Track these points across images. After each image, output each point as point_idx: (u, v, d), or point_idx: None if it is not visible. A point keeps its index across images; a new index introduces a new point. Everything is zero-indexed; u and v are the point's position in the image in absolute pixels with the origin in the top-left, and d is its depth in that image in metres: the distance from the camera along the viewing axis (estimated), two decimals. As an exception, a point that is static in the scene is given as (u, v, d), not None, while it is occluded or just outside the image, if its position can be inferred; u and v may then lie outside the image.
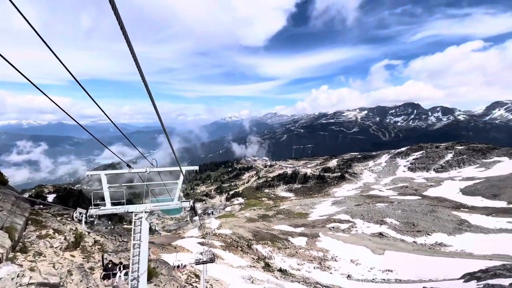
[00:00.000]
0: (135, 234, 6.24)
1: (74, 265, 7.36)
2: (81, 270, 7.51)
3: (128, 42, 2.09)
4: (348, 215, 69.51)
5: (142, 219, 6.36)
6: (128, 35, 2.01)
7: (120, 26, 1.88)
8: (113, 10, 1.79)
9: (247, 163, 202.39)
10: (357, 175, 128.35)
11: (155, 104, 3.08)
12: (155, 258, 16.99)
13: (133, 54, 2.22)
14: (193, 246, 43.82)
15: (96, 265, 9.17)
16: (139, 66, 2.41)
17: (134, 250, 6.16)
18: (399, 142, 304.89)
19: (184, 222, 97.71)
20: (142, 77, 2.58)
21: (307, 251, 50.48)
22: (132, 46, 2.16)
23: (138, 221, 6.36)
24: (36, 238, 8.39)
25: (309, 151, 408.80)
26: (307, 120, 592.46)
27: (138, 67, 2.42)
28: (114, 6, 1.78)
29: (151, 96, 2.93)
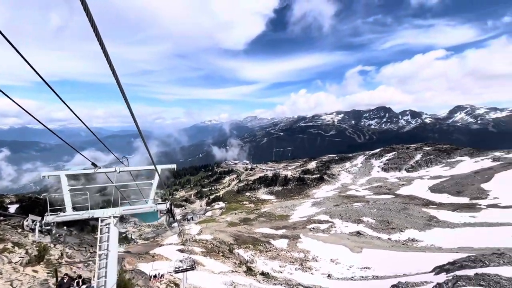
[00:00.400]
0: (101, 243, 5.51)
1: (36, 282, 6.58)
2: (44, 286, 6.74)
3: (101, 41, 1.97)
4: (327, 216, 71.20)
5: (110, 225, 5.67)
6: (100, 35, 1.89)
7: (91, 25, 1.77)
8: (84, 8, 1.68)
9: (228, 167, 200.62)
10: (335, 176, 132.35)
11: (130, 106, 2.95)
12: (131, 268, 15.94)
13: (105, 55, 2.10)
14: (172, 253, 42.23)
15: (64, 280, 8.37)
16: (112, 67, 2.29)
17: (100, 261, 5.46)
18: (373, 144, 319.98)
19: (162, 230, 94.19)
20: (116, 78, 2.46)
21: (289, 252, 50.78)
22: (105, 46, 2.04)
23: (106, 227, 5.66)
24: None
25: (289, 153, 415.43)
26: (287, 123, 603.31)
27: (112, 68, 2.30)
28: (84, 4, 1.67)
29: (126, 98, 2.80)
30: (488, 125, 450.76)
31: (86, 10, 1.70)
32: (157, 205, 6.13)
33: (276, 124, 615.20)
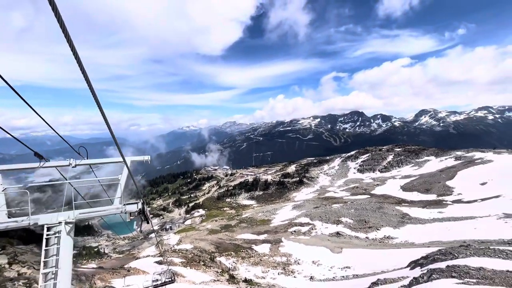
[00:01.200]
0: (47, 258, 4.13)
1: None
2: None
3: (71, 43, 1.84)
4: (308, 218, 72.15)
5: (61, 234, 4.34)
6: (70, 37, 1.74)
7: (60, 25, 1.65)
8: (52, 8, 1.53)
9: (207, 173, 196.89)
10: (314, 179, 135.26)
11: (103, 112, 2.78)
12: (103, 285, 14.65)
13: (76, 58, 1.97)
14: (150, 266, 40.05)
15: None
16: (84, 71, 2.16)
17: (46, 283, 4.06)
18: (348, 147, 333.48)
19: (138, 241, 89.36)
20: (88, 83, 2.32)
21: (271, 257, 50.49)
22: (76, 49, 1.91)
23: (54, 237, 4.30)
24: None
25: (268, 158, 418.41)
26: (266, 128, 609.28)
27: (83, 72, 2.17)
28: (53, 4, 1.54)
29: (99, 103, 2.62)
30: (449, 127, 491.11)
31: (54, 10, 1.56)
32: (125, 205, 4.94)
33: (255, 129, 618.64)
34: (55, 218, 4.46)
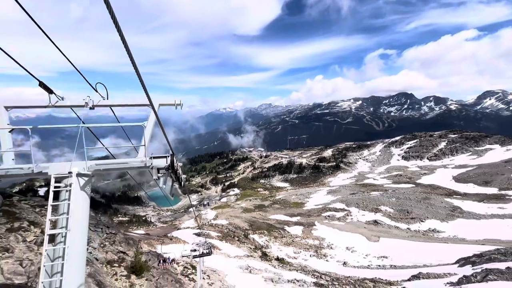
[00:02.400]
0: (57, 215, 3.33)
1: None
2: None
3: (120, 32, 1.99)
4: (343, 204, 70.05)
5: (74, 188, 3.42)
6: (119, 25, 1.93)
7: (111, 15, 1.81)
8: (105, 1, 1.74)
9: (242, 154, 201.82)
10: (352, 165, 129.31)
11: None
12: (147, 250, 16.24)
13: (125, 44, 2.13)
14: (189, 237, 43.44)
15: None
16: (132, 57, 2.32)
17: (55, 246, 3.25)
18: (392, 132, 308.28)
19: (179, 214, 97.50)
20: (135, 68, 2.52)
21: (303, 239, 50.75)
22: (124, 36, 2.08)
23: (65, 192, 3.41)
24: (6, 232, 7.55)
25: (304, 141, 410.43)
26: (302, 110, 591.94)
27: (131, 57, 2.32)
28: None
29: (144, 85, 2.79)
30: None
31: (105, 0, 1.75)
32: (152, 158, 3.92)
33: (291, 111, 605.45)
34: (66, 168, 3.54)
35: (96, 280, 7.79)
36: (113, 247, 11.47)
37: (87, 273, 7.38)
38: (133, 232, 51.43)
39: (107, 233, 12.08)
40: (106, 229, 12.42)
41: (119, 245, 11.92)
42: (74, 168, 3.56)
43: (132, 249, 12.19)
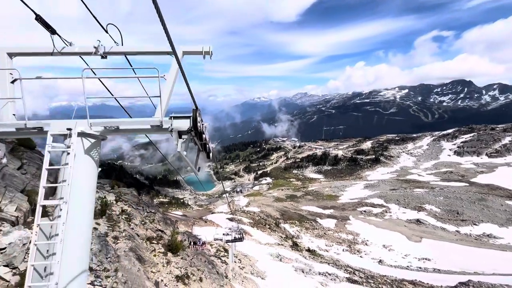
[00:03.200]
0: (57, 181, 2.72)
1: (95, 234, 7.30)
2: (101, 239, 7.41)
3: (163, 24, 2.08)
4: (381, 200, 66.02)
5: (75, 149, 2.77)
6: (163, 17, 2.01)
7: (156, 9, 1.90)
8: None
9: (276, 144, 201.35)
10: (394, 158, 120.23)
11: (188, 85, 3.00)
12: (183, 231, 17.30)
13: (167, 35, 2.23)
14: (222, 221, 45.32)
15: (120, 234, 9.24)
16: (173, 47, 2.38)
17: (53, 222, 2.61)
18: (443, 124, 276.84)
19: (214, 198, 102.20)
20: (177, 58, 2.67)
21: (336, 233, 49.38)
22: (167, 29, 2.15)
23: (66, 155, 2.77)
24: None
25: (340, 132, 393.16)
26: (340, 100, 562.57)
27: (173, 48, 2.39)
28: None
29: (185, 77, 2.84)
30: None
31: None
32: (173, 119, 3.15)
33: (327, 101, 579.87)
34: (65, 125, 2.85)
35: (136, 254, 8.51)
36: (152, 225, 12.42)
37: (128, 247, 8.11)
38: (172, 213, 55.46)
39: (148, 212, 13.08)
40: (147, 208, 13.43)
41: (158, 224, 12.87)
42: (78, 127, 2.84)
43: (169, 229, 13.08)
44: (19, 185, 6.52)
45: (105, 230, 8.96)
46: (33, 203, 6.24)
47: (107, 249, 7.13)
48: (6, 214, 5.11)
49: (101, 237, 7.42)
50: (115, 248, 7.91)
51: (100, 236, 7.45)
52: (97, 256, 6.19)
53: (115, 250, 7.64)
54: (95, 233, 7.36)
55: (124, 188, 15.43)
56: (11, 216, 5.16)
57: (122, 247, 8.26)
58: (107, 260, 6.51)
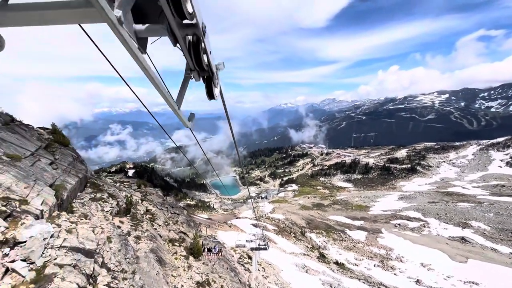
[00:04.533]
0: None
1: (116, 232, 7.23)
2: (121, 238, 7.33)
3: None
4: (419, 213, 60.65)
5: None
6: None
7: None
8: None
9: (302, 150, 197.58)
10: (433, 168, 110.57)
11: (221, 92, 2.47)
12: (206, 234, 17.10)
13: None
14: (246, 226, 44.87)
15: (143, 234, 9.20)
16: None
17: None
18: (492, 132, 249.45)
19: (239, 203, 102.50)
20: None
21: (367, 246, 46.14)
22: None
23: None
24: (89, 200, 8.82)
25: (371, 140, 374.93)
26: (371, 106, 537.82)
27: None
28: None
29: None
30: None
31: None
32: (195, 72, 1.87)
33: (357, 107, 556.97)
34: None
35: (157, 256, 8.38)
36: (175, 226, 12.35)
37: (149, 248, 8.01)
38: (198, 215, 56.46)
39: (171, 213, 13.10)
40: (171, 209, 13.46)
41: (181, 226, 12.77)
42: None
43: (192, 231, 12.92)
44: (48, 180, 6.76)
45: (128, 229, 9.02)
46: (59, 197, 6.41)
47: (127, 249, 7.01)
48: (31, 207, 5.24)
49: (121, 236, 7.36)
50: (135, 248, 7.84)
51: (121, 235, 7.40)
52: (116, 256, 6.05)
53: (135, 250, 7.55)
54: (116, 232, 7.32)
55: (150, 188, 15.79)
56: (36, 210, 5.27)
57: (143, 248, 8.17)
58: (126, 261, 6.36)
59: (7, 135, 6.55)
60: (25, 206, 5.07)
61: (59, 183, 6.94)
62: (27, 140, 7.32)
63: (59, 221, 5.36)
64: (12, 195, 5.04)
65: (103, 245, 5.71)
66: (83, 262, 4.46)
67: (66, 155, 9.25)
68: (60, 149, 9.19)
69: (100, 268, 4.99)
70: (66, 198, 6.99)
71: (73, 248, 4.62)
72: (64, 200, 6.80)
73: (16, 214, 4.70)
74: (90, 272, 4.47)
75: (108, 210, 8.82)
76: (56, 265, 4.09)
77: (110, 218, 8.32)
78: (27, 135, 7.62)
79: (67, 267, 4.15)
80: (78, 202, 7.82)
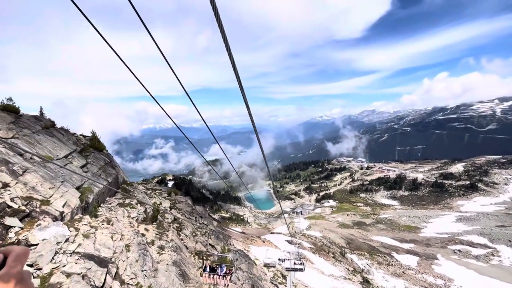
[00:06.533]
0: None
1: (136, 240, 6.78)
2: (141, 247, 6.80)
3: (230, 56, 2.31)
4: (485, 238, 51.72)
5: None
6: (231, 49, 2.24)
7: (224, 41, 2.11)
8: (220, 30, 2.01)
9: (340, 164, 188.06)
10: (499, 186, 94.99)
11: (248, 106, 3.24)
12: (235, 249, 16.15)
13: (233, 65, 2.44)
14: (281, 242, 42.82)
15: (167, 244, 8.69)
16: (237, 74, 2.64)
17: None
18: None
19: (273, 218, 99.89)
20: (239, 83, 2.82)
21: (420, 274, 40.28)
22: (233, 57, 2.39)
23: None
24: (117, 206, 8.74)
25: (418, 153, 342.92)
26: (416, 116, 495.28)
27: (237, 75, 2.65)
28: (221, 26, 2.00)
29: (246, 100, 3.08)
30: None
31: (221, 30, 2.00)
32: None
33: (401, 118, 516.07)
34: None
35: (181, 269, 7.75)
36: (203, 238, 11.71)
37: (172, 260, 7.38)
38: (231, 228, 55.99)
39: (200, 223, 12.58)
40: (200, 219, 12.98)
41: (209, 238, 12.12)
42: None
43: (220, 244, 12.20)
44: (76, 182, 6.79)
45: (152, 237, 8.64)
46: (84, 200, 6.32)
47: (145, 260, 6.48)
48: (52, 208, 5.11)
49: (141, 244, 6.87)
50: (157, 259, 7.30)
51: (141, 243, 6.92)
52: (132, 267, 5.53)
53: (156, 262, 6.98)
54: (136, 240, 6.91)
55: (180, 197, 15.67)
56: (56, 211, 5.13)
57: (166, 260, 7.58)
58: (143, 273, 5.81)
59: (45, 138, 6.86)
60: (46, 207, 4.95)
61: (87, 186, 6.94)
62: (63, 144, 7.62)
63: (79, 225, 5.13)
64: (36, 194, 5.00)
65: (120, 253, 5.29)
66: (94, 272, 4.00)
67: (98, 159, 9.52)
68: (94, 154, 9.49)
69: (112, 280, 4.49)
70: (92, 201, 6.93)
71: (86, 255, 4.24)
72: (90, 203, 6.73)
73: (34, 215, 4.57)
74: (100, 284, 3.98)
75: (134, 216, 8.63)
76: (63, 273, 3.71)
77: (135, 225, 8.10)
78: (64, 139, 7.96)
79: (75, 276, 3.73)
80: (105, 207, 7.77)
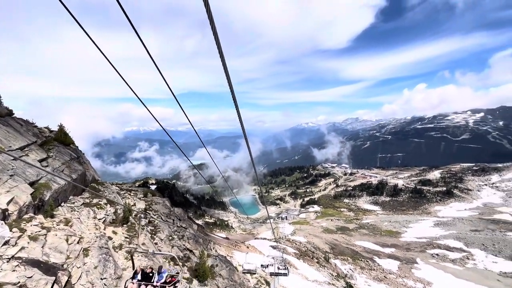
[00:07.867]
0: None
1: (97, 244, 5.97)
2: (102, 251, 5.96)
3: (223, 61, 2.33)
4: (460, 242, 53.75)
5: None
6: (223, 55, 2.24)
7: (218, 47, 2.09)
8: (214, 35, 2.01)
9: (324, 170, 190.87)
10: (473, 192, 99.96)
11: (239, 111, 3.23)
12: (216, 254, 15.35)
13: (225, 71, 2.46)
14: (265, 248, 42.16)
15: (138, 248, 7.89)
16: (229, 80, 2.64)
17: None
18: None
19: (258, 223, 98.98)
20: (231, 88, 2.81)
21: (400, 278, 40.94)
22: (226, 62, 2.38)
23: None
24: (82, 205, 7.84)
25: (398, 160, 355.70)
26: (397, 125, 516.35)
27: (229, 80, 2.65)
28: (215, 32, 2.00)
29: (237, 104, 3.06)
30: None
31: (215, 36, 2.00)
32: None
33: (382, 126, 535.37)
34: None
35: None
36: (180, 242, 10.86)
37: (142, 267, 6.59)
38: (216, 234, 54.61)
39: (178, 226, 11.72)
40: (178, 222, 12.14)
41: (187, 242, 11.28)
42: None
43: (199, 249, 11.42)
44: (31, 177, 5.96)
45: (121, 241, 7.77)
46: (38, 197, 5.52)
47: (106, 266, 5.69)
48: None
49: (103, 248, 6.00)
50: (123, 265, 6.51)
51: (103, 247, 6.05)
52: (89, 274, 4.75)
53: (120, 268, 6.18)
54: (98, 243, 6.09)
55: (158, 198, 14.73)
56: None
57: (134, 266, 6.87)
58: (102, 282, 5.04)
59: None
60: (-16, 204, 4.20)
61: (44, 182, 6.11)
62: (19, 134, 6.76)
63: (26, 225, 4.37)
64: (-27, 189, 4.24)
65: (75, 258, 4.52)
66: (36, 281, 3.27)
67: (63, 154, 8.57)
68: (58, 148, 8.56)
69: (61, 290, 3.80)
70: (49, 199, 6.10)
71: (29, 260, 3.52)
72: (46, 201, 5.91)
73: (-33, 212, 3.83)
74: (42, 296, 3.29)
75: (101, 217, 7.77)
76: (-6, 283, 3.06)
77: (101, 227, 7.25)
78: (21, 130, 7.08)
79: (9, 287, 3.05)
80: (67, 206, 6.92)
